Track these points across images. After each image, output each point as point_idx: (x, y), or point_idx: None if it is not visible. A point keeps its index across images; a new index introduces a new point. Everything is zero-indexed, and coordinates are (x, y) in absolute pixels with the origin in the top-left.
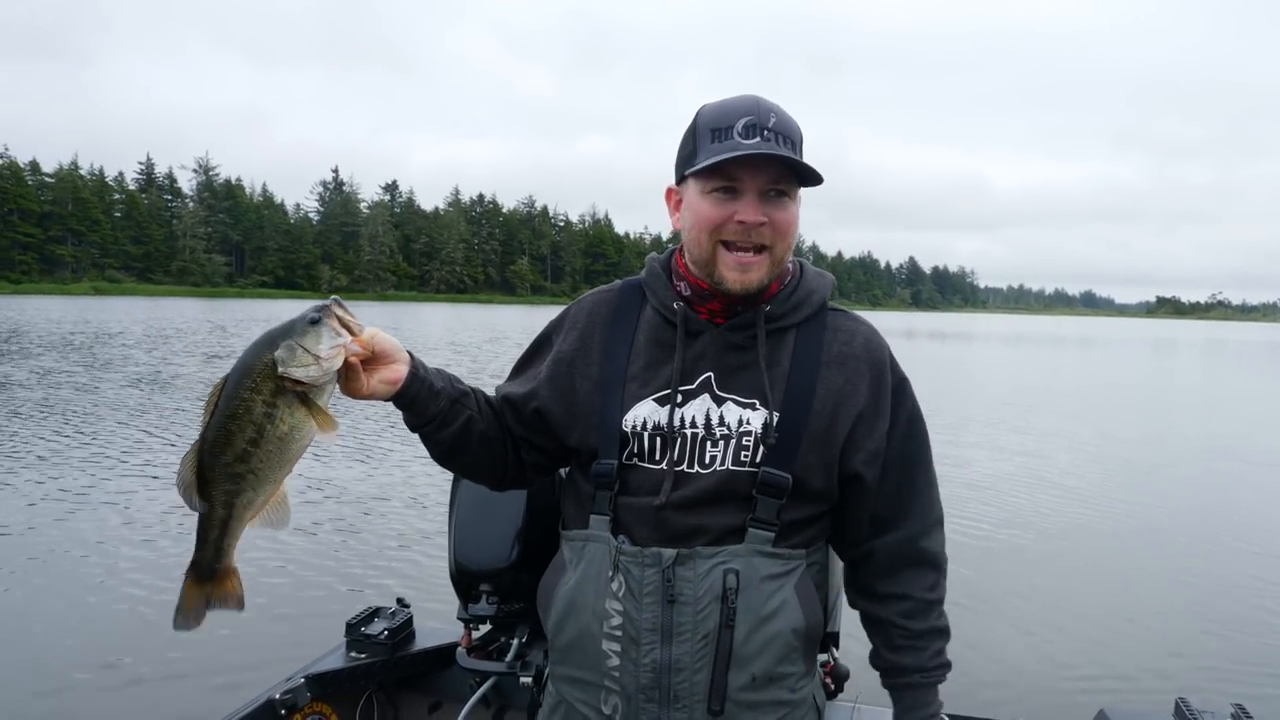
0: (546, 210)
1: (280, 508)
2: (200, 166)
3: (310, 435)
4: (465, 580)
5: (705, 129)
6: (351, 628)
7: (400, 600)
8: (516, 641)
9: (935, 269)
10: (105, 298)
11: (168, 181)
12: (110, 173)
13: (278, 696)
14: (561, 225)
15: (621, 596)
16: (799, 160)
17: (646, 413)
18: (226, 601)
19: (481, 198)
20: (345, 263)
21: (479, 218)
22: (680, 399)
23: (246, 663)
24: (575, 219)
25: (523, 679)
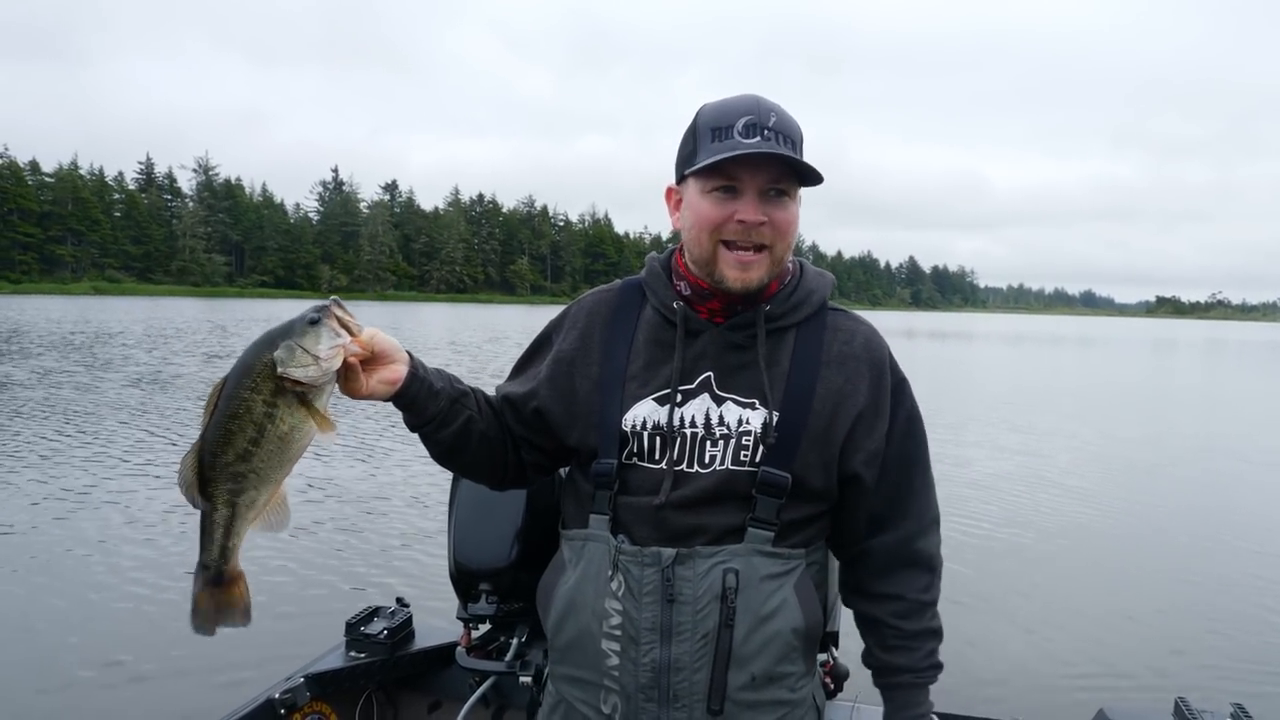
0: (546, 210)
1: (280, 509)
2: (200, 166)
3: (311, 435)
4: (465, 580)
5: (705, 128)
6: (351, 627)
7: (400, 600)
8: (516, 641)
9: (935, 268)
10: (105, 297)
11: (167, 181)
12: (110, 173)
13: (277, 696)
14: (561, 225)
15: (621, 596)
16: (799, 159)
17: (646, 412)
18: (233, 612)
19: (481, 197)
20: (345, 262)
21: (479, 217)
22: (680, 398)
23: (246, 661)
24: (575, 219)
25: (522, 678)
